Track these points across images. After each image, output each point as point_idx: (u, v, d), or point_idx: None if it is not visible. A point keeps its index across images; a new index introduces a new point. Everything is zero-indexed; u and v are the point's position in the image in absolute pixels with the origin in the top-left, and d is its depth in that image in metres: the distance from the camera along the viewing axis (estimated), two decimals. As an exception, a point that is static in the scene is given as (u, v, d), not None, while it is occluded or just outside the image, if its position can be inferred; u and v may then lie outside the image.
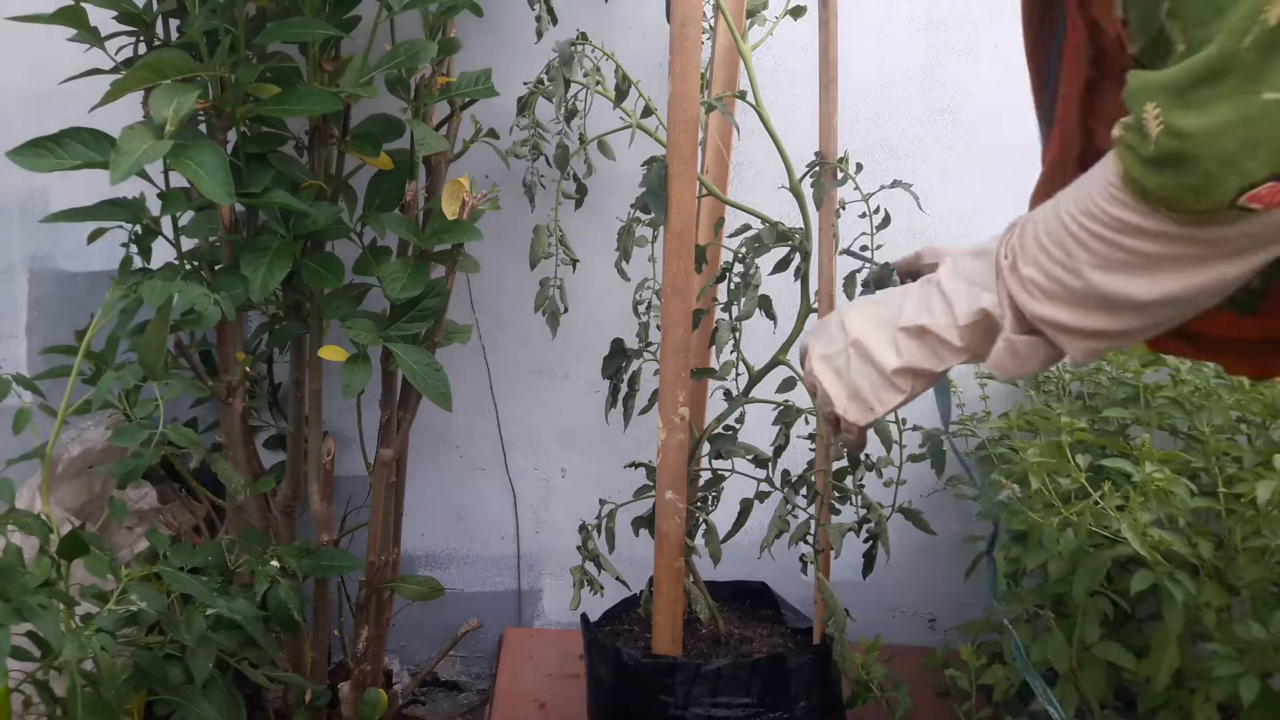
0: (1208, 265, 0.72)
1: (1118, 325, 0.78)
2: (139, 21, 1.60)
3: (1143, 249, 0.73)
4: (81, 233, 1.67)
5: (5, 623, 1.25)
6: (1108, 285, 0.76)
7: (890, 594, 2.18)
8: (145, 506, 1.86)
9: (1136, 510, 1.51)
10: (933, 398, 1.13)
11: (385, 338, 1.64)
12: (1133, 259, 0.74)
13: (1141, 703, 1.62)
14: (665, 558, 1.58)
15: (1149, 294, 0.74)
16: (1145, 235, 0.72)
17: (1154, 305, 0.75)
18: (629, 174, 1.74)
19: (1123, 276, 0.75)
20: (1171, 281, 0.73)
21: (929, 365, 0.92)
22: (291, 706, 1.81)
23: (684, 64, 1.47)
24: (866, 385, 0.96)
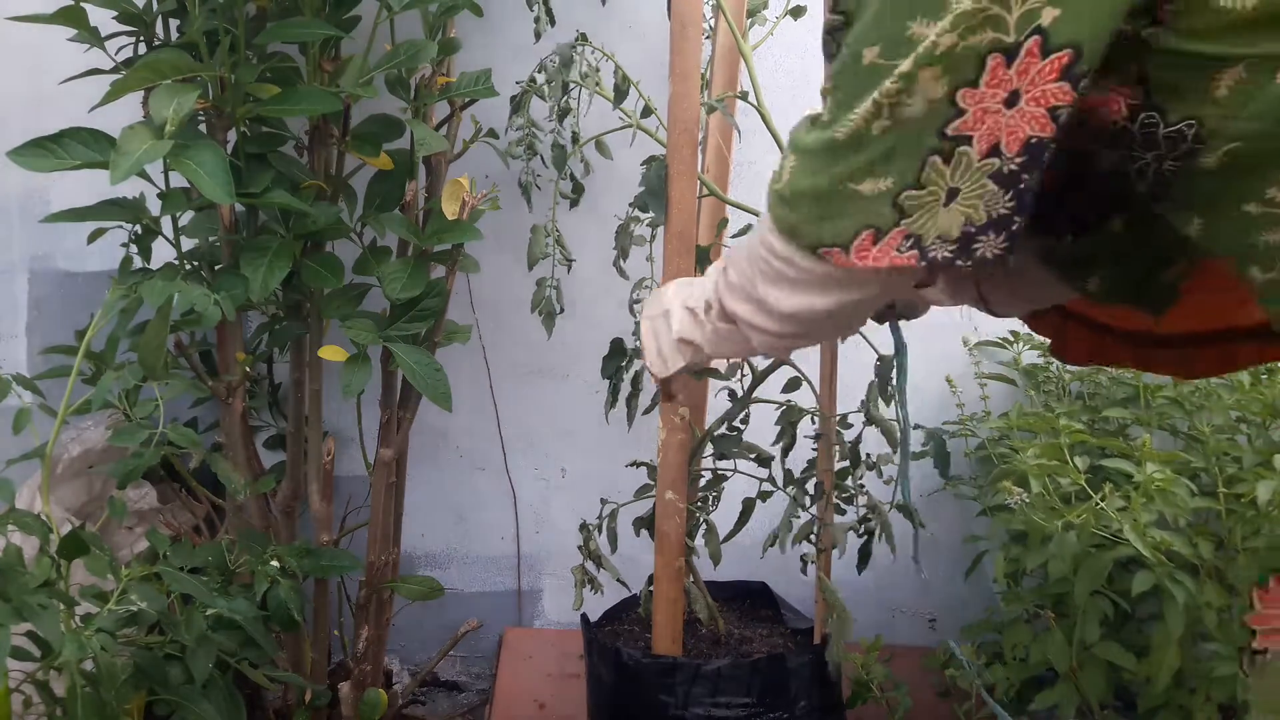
0: (817, 292, 0.91)
1: (774, 326, 0.98)
2: (139, 21, 1.60)
3: (778, 268, 0.92)
4: (81, 233, 1.67)
5: (5, 623, 1.25)
6: (762, 291, 0.95)
7: (890, 594, 2.18)
8: (145, 506, 1.86)
9: (1138, 511, 1.51)
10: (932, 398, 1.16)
11: (385, 338, 1.64)
12: (775, 275, 0.93)
13: (1142, 703, 1.62)
14: (665, 558, 1.58)
15: (784, 305, 0.94)
16: (778, 258, 0.91)
17: (791, 315, 0.94)
18: (627, 174, 1.74)
19: (771, 288, 0.94)
20: (797, 298, 0.92)
21: (695, 338, 1.13)
22: (291, 706, 1.81)
23: (684, 65, 1.47)
24: (667, 347, 1.19)
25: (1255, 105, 0.73)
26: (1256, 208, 0.78)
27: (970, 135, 0.77)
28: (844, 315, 0.95)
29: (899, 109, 0.78)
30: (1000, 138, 0.77)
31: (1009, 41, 0.74)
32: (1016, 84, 0.75)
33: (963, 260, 0.82)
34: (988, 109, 0.76)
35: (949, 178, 0.79)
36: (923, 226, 0.81)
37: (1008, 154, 0.77)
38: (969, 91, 0.76)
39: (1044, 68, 0.74)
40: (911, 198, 0.80)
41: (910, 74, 0.76)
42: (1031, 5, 0.73)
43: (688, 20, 1.46)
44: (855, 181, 0.81)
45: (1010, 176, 0.78)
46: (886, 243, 0.82)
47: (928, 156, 0.79)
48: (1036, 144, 0.76)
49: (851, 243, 0.83)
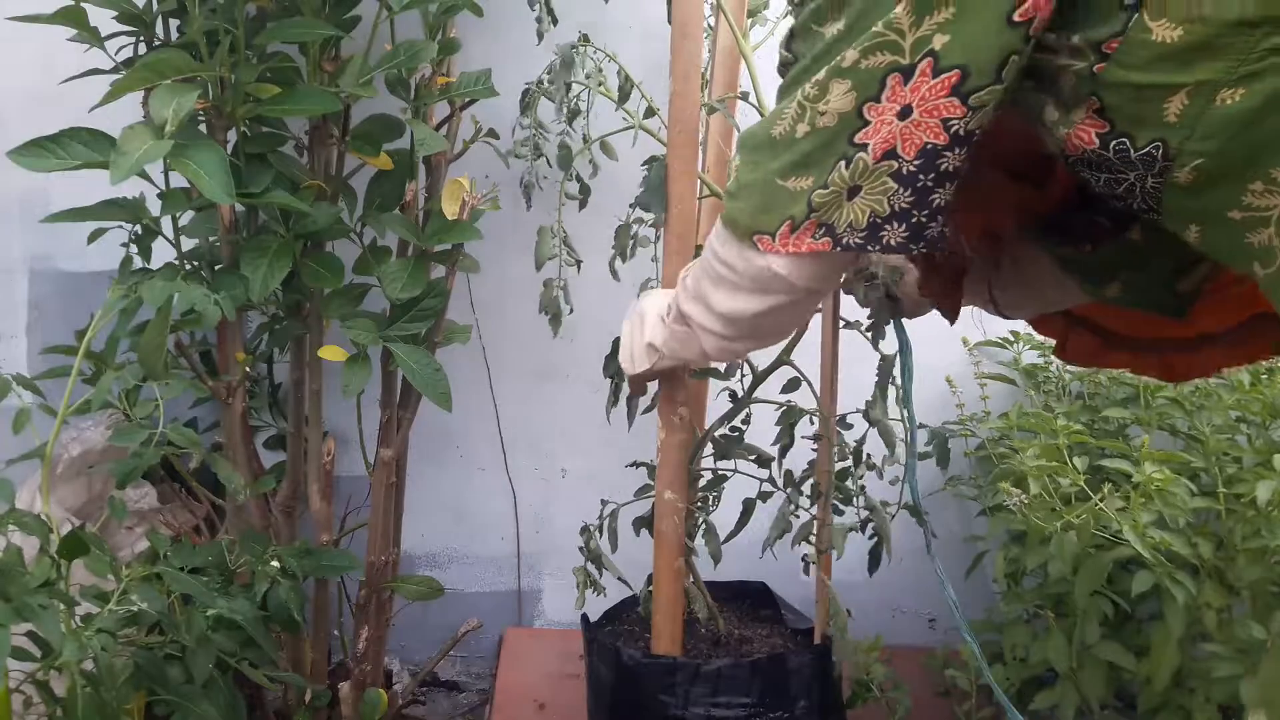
0: (746, 293, 1.03)
1: (717, 327, 1.09)
2: (139, 21, 1.60)
3: (719, 271, 1.04)
4: (81, 233, 1.67)
5: (6, 623, 1.25)
6: (706, 290, 1.07)
7: (890, 594, 2.18)
8: (145, 506, 1.86)
9: (1137, 511, 1.52)
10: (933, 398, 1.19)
11: (385, 338, 1.64)
12: (717, 277, 1.05)
13: (1141, 703, 1.62)
14: (664, 558, 1.58)
15: (721, 305, 1.06)
16: (720, 260, 1.03)
17: (727, 316, 1.07)
18: (630, 174, 1.74)
19: (712, 287, 1.06)
20: (733, 300, 1.05)
21: (657, 341, 1.24)
22: (291, 706, 1.81)
23: (685, 65, 1.47)
24: (637, 348, 1.29)
25: (1203, 127, 0.79)
26: (1238, 214, 0.82)
27: (867, 144, 0.89)
28: (775, 318, 1.06)
29: (817, 116, 0.91)
30: (896, 144, 0.88)
31: (905, 63, 0.85)
32: (909, 99, 0.86)
33: (872, 245, 0.93)
34: (883, 120, 0.88)
35: (849, 179, 0.91)
36: (830, 217, 0.94)
37: (905, 157, 0.88)
38: (873, 105, 0.88)
39: (935, 85, 0.85)
40: (820, 195, 0.93)
41: (824, 83, 0.89)
42: (924, 32, 0.84)
43: (688, 20, 1.46)
44: (783, 178, 0.95)
45: (909, 176, 0.89)
46: (802, 231, 0.95)
47: (836, 161, 0.91)
48: (931, 149, 0.87)
49: (776, 231, 0.97)
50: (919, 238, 0.92)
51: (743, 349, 1.17)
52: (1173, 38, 0.77)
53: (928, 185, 0.89)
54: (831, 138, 0.91)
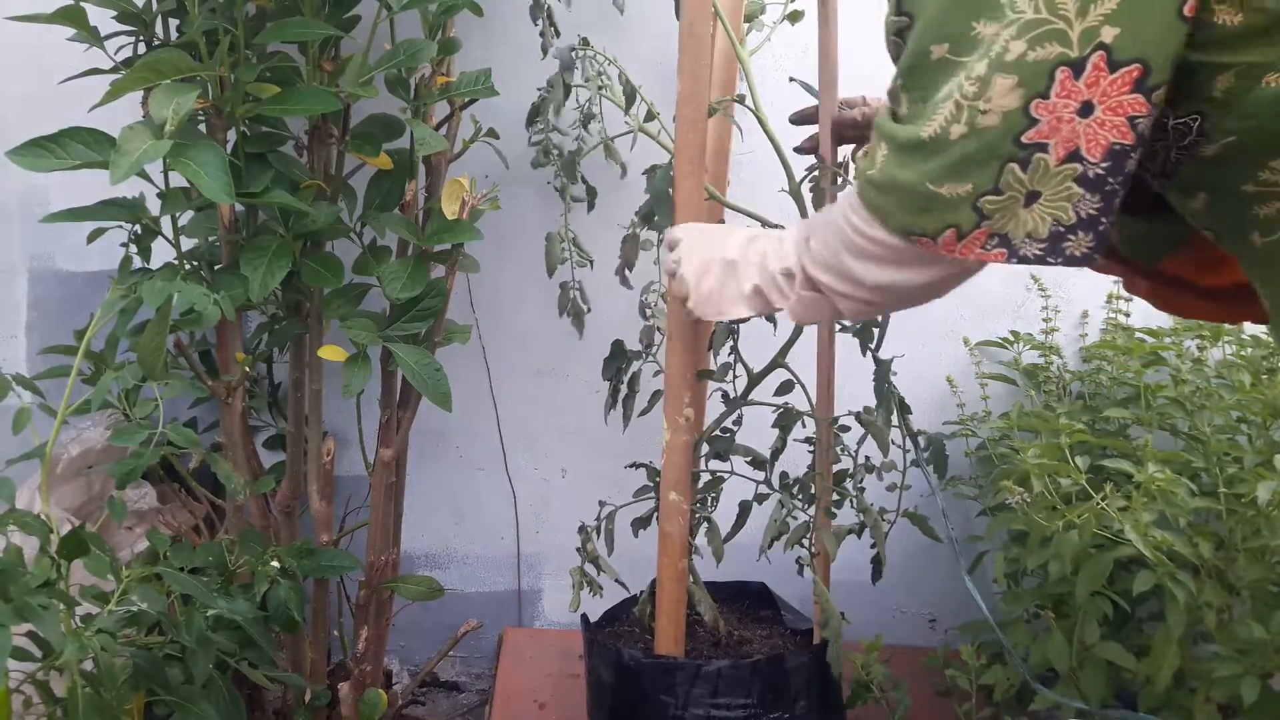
0: (902, 268, 0.97)
1: (859, 294, 1.03)
2: (139, 21, 1.60)
3: (862, 245, 0.98)
4: (81, 233, 1.67)
5: (6, 623, 1.25)
6: (848, 264, 1.01)
7: (890, 594, 2.18)
8: (145, 506, 1.85)
9: (1139, 511, 1.51)
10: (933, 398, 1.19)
11: (385, 338, 1.64)
12: (860, 251, 0.99)
13: (1142, 703, 1.62)
14: (669, 559, 1.58)
15: (869, 277, 1.00)
16: (864, 236, 0.97)
17: (874, 287, 1.01)
18: (630, 177, 1.74)
19: (856, 261, 1.00)
20: (883, 273, 0.99)
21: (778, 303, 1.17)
22: (291, 707, 1.80)
23: (692, 62, 1.47)
24: (726, 296, 1.22)
25: (1244, 105, 0.82)
26: (1252, 187, 0.86)
27: (1046, 143, 0.83)
28: (940, 285, 1.00)
29: (976, 117, 0.84)
30: (1079, 144, 0.83)
31: (1074, 56, 0.81)
32: (1088, 95, 0.82)
33: (1053, 259, 0.88)
34: (1061, 118, 0.83)
35: (1027, 183, 0.85)
36: (1005, 227, 0.88)
37: (1090, 159, 0.83)
38: (1041, 103, 0.82)
39: (1116, 80, 0.81)
40: (991, 202, 0.87)
41: (986, 78, 0.83)
42: (1090, 23, 0.80)
43: (696, 19, 1.46)
44: (936, 183, 0.88)
45: (1096, 180, 0.84)
46: (971, 240, 0.89)
47: (1005, 164, 0.85)
48: (1120, 150, 0.83)
49: (938, 236, 0.90)
50: (1100, 248, 0.88)
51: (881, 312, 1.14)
52: (1233, 21, 0.80)
53: (1115, 188, 0.85)
54: (996, 140, 0.85)
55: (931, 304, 1.59)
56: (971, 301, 2.14)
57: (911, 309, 1.21)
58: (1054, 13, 0.80)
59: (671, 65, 1.54)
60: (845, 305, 1.07)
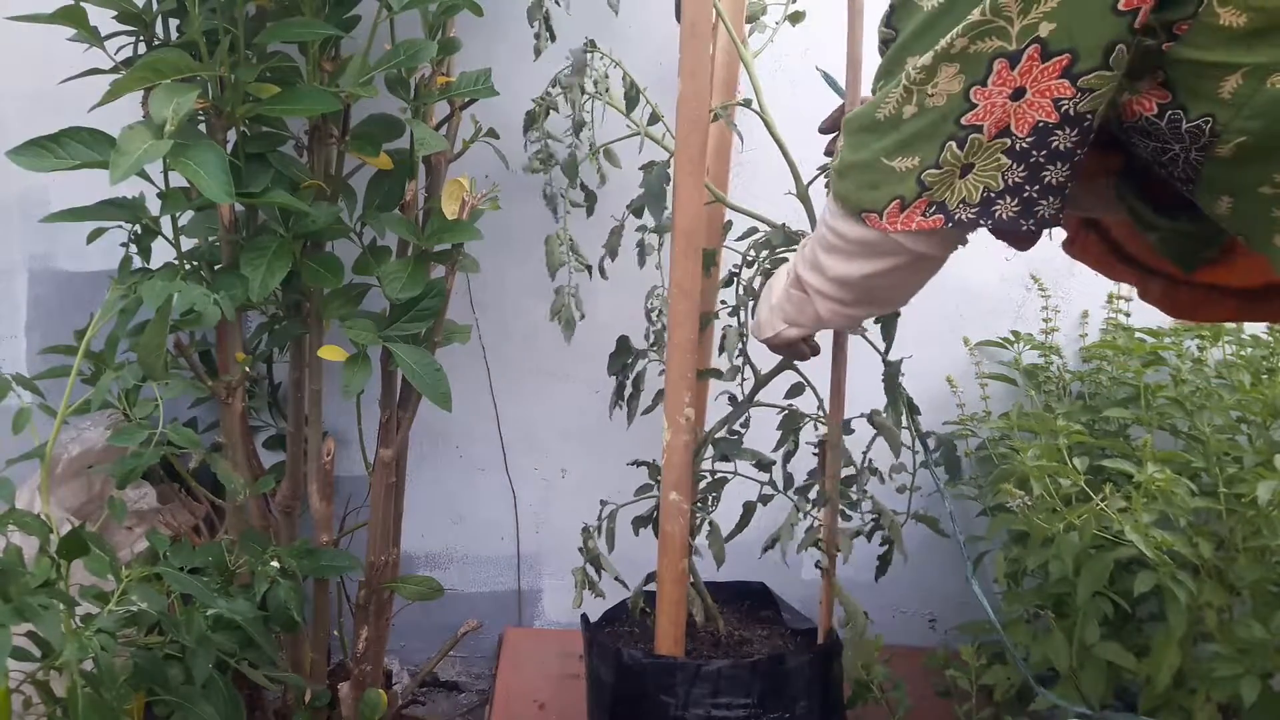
0: (855, 259, 1.08)
1: (832, 291, 1.14)
2: (139, 21, 1.60)
3: (830, 240, 1.09)
4: (81, 233, 1.67)
5: (6, 623, 1.25)
6: (820, 258, 1.12)
7: (890, 594, 2.18)
8: (145, 506, 1.85)
9: (1139, 511, 1.51)
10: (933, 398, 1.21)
11: (385, 338, 1.64)
12: (829, 245, 1.10)
13: (1142, 703, 1.62)
14: (669, 559, 1.58)
15: (834, 270, 1.11)
16: (830, 229, 1.08)
17: (840, 280, 1.11)
18: (632, 180, 1.74)
19: (826, 255, 1.11)
20: (844, 265, 1.09)
21: (784, 307, 1.27)
22: (291, 707, 1.80)
23: (694, 63, 1.47)
24: (763, 315, 1.33)
25: (1254, 105, 0.87)
26: (1269, 189, 0.90)
27: (981, 124, 0.94)
28: (887, 280, 1.10)
29: (924, 100, 0.95)
30: (1010, 122, 0.93)
31: (1011, 49, 0.90)
32: (1020, 82, 0.91)
33: (984, 220, 0.98)
34: (995, 102, 0.93)
35: (963, 157, 0.96)
36: (942, 195, 0.98)
37: (1017, 134, 0.93)
38: (979, 89, 0.93)
39: (1046, 68, 0.90)
40: (931, 175, 0.97)
41: (932, 67, 0.93)
42: (1030, 20, 0.89)
43: (697, 19, 1.46)
44: (889, 158, 0.99)
45: (1022, 152, 0.94)
46: (911, 210, 0.99)
47: (945, 141, 0.95)
48: (1043, 127, 0.92)
49: (884, 210, 1.00)
50: (1029, 213, 0.97)
51: (857, 314, 1.19)
52: (1238, 23, 0.85)
53: (1039, 161, 0.94)
54: (939, 119, 0.95)
55: (932, 304, 1.61)
56: (971, 301, 2.14)
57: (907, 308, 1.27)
58: (998, 15, 0.90)
59: (671, 67, 1.54)
60: (822, 306, 1.17)
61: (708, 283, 1.79)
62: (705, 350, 1.84)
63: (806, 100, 1.70)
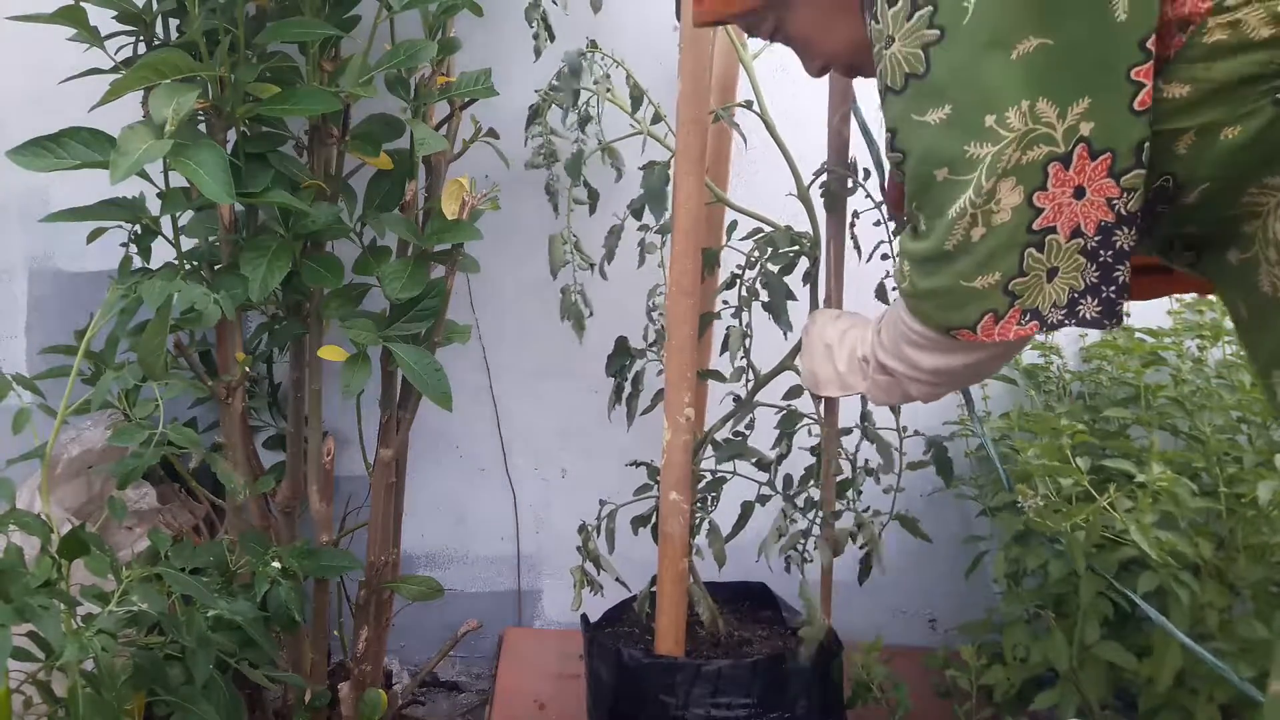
0: (949, 354, 1.10)
1: (921, 377, 1.16)
2: (139, 21, 1.60)
3: (914, 338, 1.12)
4: (81, 233, 1.67)
5: (6, 623, 1.25)
6: (907, 352, 1.15)
7: (891, 594, 2.18)
8: (145, 506, 1.85)
9: (1144, 511, 1.51)
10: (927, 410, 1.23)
11: (385, 338, 1.64)
12: (913, 342, 1.12)
13: (1142, 703, 1.62)
14: (669, 559, 1.58)
15: (923, 363, 1.13)
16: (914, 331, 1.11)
17: (931, 370, 1.14)
18: (634, 179, 1.74)
19: (912, 350, 1.14)
20: (934, 359, 1.12)
21: (858, 386, 1.31)
22: (291, 707, 1.80)
23: (693, 64, 1.47)
24: (822, 376, 1.37)
25: (1208, 157, 0.94)
26: (1235, 210, 0.99)
27: (1054, 225, 0.97)
28: (981, 367, 1.14)
29: (990, 218, 0.97)
30: (1079, 222, 0.97)
31: (1061, 151, 0.94)
32: (1078, 180, 0.95)
33: (1070, 320, 1.01)
34: (1061, 204, 0.96)
35: (1045, 261, 0.98)
36: (1035, 302, 1.00)
37: (1088, 234, 0.97)
38: (1041, 194, 0.95)
39: (1096, 166, 0.95)
40: (1019, 284, 0.99)
41: (991, 187, 0.96)
42: (1070, 122, 0.93)
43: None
44: (968, 280, 1.00)
45: (1092, 252, 0.98)
46: (1007, 320, 1.02)
47: (1024, 249, 0.98)
48: (1105, 227, 0.97)
49: (977, 324, 1.03)
50: (1111, 313, 1.01)
51: (951, 389, 1.23)
52: (1181, 94, 0.93)
53: (1108, 261, 0.98)
54: (1011, 232, 0.97)
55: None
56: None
57: None
58: (1038, 122, 0.93)
59: (671, 67, 1.54)
60: (913, 388, 1.19)
61: (708, 283, 1.79)
62: (705, 351, 1.84)
63: (807, 101, 1.71)
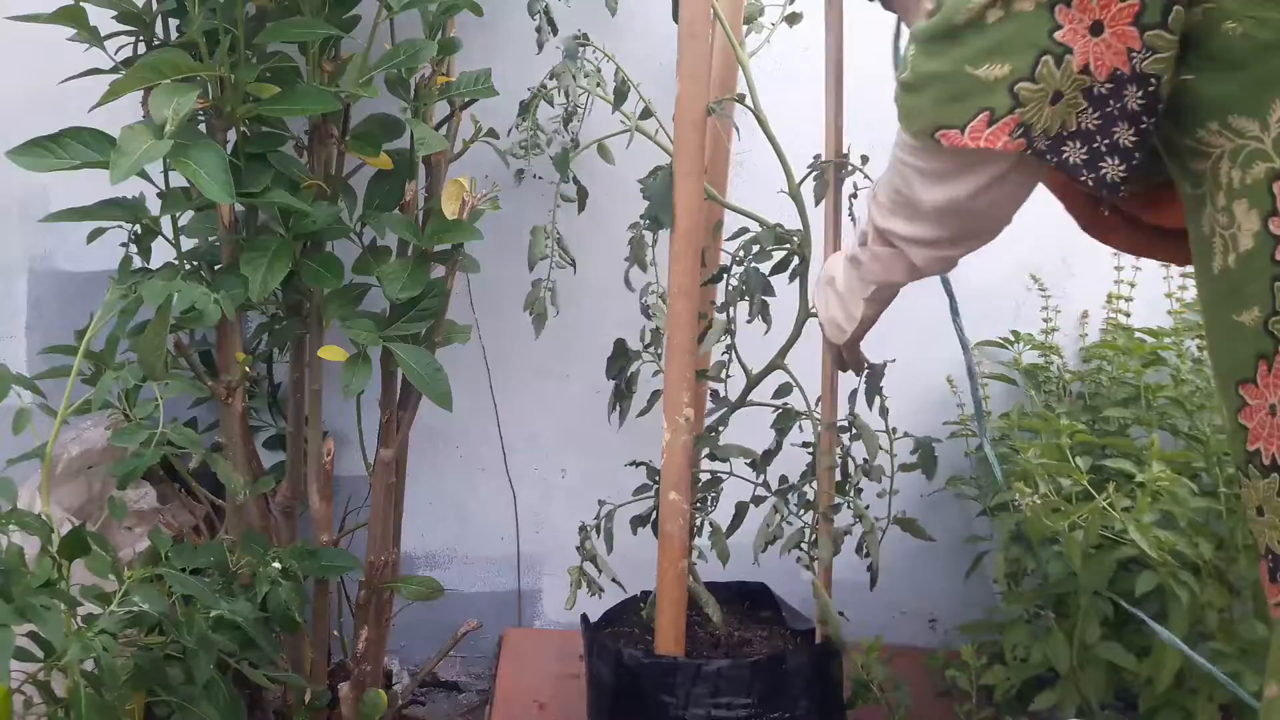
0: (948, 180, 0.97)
1: (928, 231, 1.03)
2: (139, 21, 1.60)
3: (914, 165, 0.98)
4: (81, 233, 1.67)
5: (7, 623, 1.25)
6: (906, 191, 1.01)
7: (891, 594, 2.18)
8: (145, 506, 1.85)
9: (1143, 511, 1.51)
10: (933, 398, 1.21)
11: (385, 338, 1.64)
12: (914, 173, 0.99)
13: (1142, 703, 1.62)
14: (669, 559, 1.58)
15: (928, 198, 0.99)
16: (910, 155, 0.98)
17: (937, 209, 1.00)
18: (631, 177, 1.74)
19: (916, 186, 1.00)
20: (939, 190, 0.98)
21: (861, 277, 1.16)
22: (291, 707, 1.80)
23: (692, 62, 1.47)
24: (838, 311, 1.23)
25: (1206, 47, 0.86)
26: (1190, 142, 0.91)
27: (1072, 47, 0.87)
28: (990, 197, 0.99)
29: (1012, 3, 0.86)
30: (1090, 60, 0.87)
31: None
32: (1099, 15, 0.85)
33: (1051, 157, 0.91)
34: (1077, 30, 0.86)
35: (1056, 80, 0.88)
36: (1032, 117, 0.89)
37: (1098, 77, 0.88)
38: (1063, 9, 0.86)
39: (1123, 8, 0.85)
40: (1026, 89, 0.88)
41: None
42: None
43: (695, 19, 1.46)
44: (974, 66, 0.89)
45: (1100, 99, 0.88)
46: (1000, 126, 0.90)
47: (1040, 55, 0.87)
48: (1120, 76, 0.87)
49: (968, 123, 0.91)
50: (1094, 166, 0.91)
51: (954, 253, 1.09)
52: None
53: (1113, 113, 0.89)
54: (1031, 26, 0.87)
55: (931, 303, 1.61)
56: (971, 301, 2.13)
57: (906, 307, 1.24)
58: None
59: (670, 66, 1.54)
60: (917, 253, 1.06)
61: (705, 283, 1.79)
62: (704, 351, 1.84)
63: (804, 98, 1.71)
